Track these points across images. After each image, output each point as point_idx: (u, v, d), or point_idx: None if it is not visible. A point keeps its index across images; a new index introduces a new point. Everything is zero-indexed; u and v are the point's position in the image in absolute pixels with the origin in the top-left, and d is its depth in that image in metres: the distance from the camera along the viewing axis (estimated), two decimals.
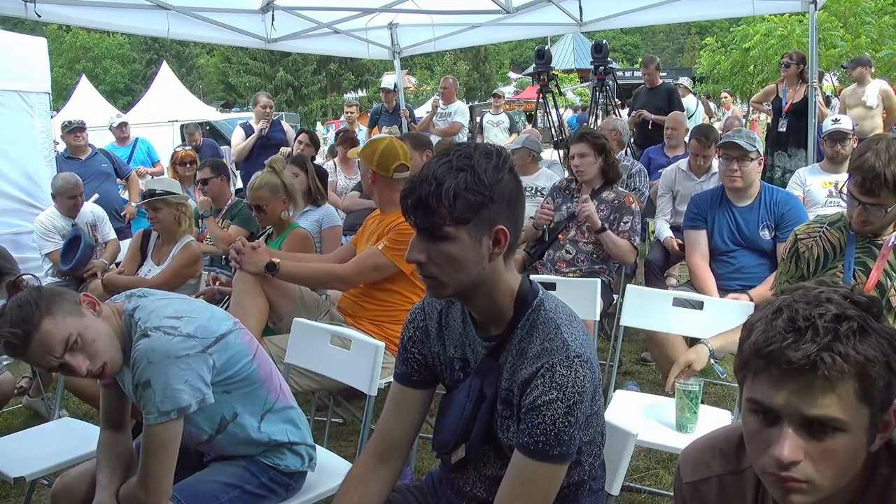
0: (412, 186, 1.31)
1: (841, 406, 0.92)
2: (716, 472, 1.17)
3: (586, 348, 1.35)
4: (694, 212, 3.39)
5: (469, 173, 1.29)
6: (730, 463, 1.16)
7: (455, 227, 1.30)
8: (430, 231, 1.32)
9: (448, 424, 1.48)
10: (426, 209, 1.29)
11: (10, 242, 4.48)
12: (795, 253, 2.22)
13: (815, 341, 0.92)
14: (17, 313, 1.64)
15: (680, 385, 2.28)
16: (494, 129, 9.48)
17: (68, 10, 5.48)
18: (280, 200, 3.37)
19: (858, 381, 0.92)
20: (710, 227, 3.32)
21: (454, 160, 1.30)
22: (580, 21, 6.69)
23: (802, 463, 0.94)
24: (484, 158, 1.31)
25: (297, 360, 2.44)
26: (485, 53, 42.19)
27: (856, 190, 2.06)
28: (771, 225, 3.21)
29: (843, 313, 0.94)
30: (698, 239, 3.34)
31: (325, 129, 20.78)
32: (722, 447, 1.18)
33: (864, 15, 17.35)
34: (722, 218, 3.30)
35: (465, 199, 1.28)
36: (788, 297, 0.99)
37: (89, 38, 42.90)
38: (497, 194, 1.31)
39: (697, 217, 3.36)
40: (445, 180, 1.28)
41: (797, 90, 5.97)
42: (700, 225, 3.34)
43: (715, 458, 1.18)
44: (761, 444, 0.98)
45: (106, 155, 6.02)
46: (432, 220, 1.30)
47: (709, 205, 3.35)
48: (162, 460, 1.68)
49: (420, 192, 1.29)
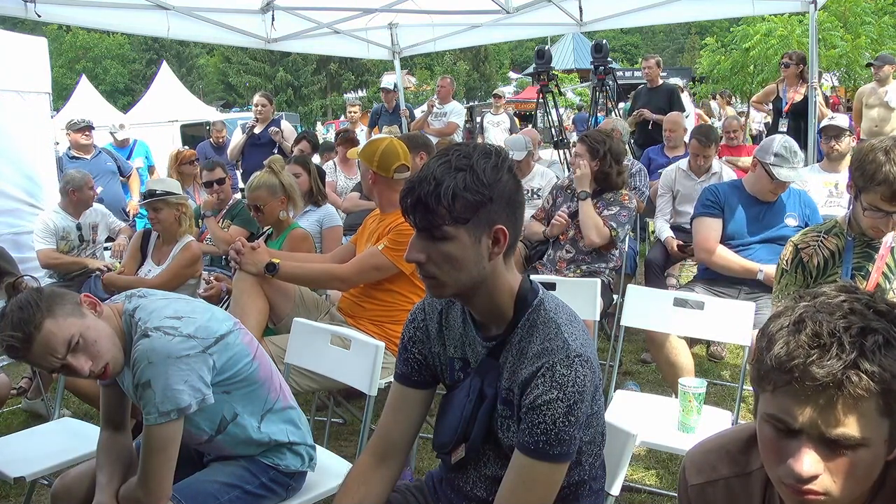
0: (411, 186, 1.32)
1: (863, 423, 0.90)
2: (723, 474, 1.16)
3: (587, 348, 1.35)
4: (710, 200, 3.27)
5: (468, 173, 1.29)
6: (737, 465, 1.15)
7: (454, 227, 1.30)
8: (429, 231, 1.32)
9: (448, 424, 1.48)
10: (425, 209, 1.30)
11: (10, 242, 4.47)
12: (800, 263, 2.21)
13: (841, 358, 0.88)
14: (18, 315, 1.64)
15: (684, 386, 2.29)
16: (495, 129, 9.49)
17: (68, 10, 5.48)
18: (278, 200, 3.37)
19: (882, 398, 0.89)
20: (726, 216, 3.22)
21: (453, 160, 1.31)
22: (580, 21, 6.70)
23: (821, 476, 0.92)
24: (483, 158, 1.31)
25: (297, 360, 2.44)
26: (485, 53, 42.25)
27: (885, 204, 2.02)
28: (797, 215, 3.16)
29: (867, 325, 0.90)
30: (714, 226, 3.21)
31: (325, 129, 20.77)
32: (729, 449, 1.17)
33: (864, 15, 17.32)
34: (741, 207, 3.21)
35: (463, 198, 1.29)
36: (810, 305, 0.94)
37: (89, 38, 42.90)
38: (496, 194, 1.31)
39: (714, 205, 3.24)
40: (444, 180, 1.28)
41: (797, 90, 5.97)
42: (716, 213, 3.23)
43: (722, 460, 1.16)
44: (779, 455, 0.96)
45: (109, 154, 6.03)
46: (431, 219, 1.30)
47: (727, 195, 3.25)
48: (162, 460, 1.68)
49: (419, 192, 1.29)
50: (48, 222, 4.23)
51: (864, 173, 2.04)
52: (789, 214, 3.18)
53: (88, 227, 4.39)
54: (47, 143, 5.52)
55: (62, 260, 4.14)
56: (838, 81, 15.67)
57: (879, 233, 2.12)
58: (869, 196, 2.04)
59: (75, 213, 4.33)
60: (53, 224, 4.23)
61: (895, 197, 2.00)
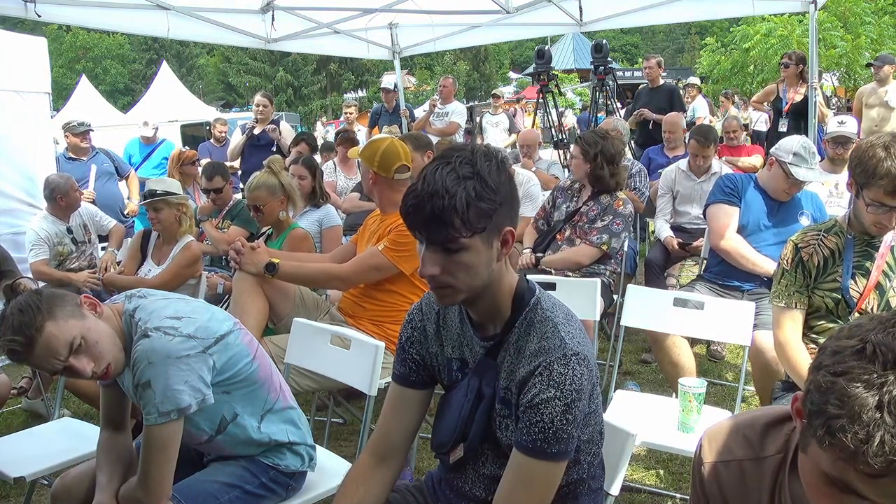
0: (418, 201, 1.27)
1: None
2: (737, 456, 1.17)
3: (584, 346, 1.35)
4: (729, 187, 3.23)
5: (476, 181, 1.28)
6: (752, 449, 1.16)
7: (471, 238, 1.29)
8: (443, 244, 1.30)
9: (446, 424, 1.48)
10: (440, 223, 1.27)
11: (10, 242, 4.45)
12: (800, 262, 2.21)
13: None
14: (18, 318, 1.63)
15: (684, 386, 2.29)
16: (494, 129, 9.49)
17: (68, 10, 5.48)
18: (278, 201, 3.37)
19: None
20: (742, 206, 3.19)
21: (458, 168, 1.28)
22: (580, 21, 6.70)
23: None
24: (486, 162, 1.30)
25: (297, 360, 2.44)
26: (485, 53, 42.23)
27: (888, 198, 2.03)
28: (810, 215, 3.16)
29: None
30: (732, 213, 3.16)
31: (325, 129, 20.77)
32: (746, 433, 1.18)
33: (863, 15, 17.34)
34: (758, 200, 3.19)
35: (477, 208, 1.27)
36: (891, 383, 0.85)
37: (89, 38, 42.89)
38: (503, 197, 1.31)
39: (732, 193, 3.21)
40: (456, 191, 1.26)
41: (797, 90, 5.96)
42: (735, 201, 3.19)
43: (737, 443, 1.17)
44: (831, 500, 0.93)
45: (106, 154, 6.02)
46: (447, 233, 1.27)
47: (744, 185, 3.23)
48: (162, 461, 1.68)
49: (432, 207, 1.26)
50: (38, 232, 4.14)
51: (864, 169, 2.05)
52: (803, 213, 3.17)
53: (80, 229, 4.35)
54: (47, 143, 5.51)
55: (53, 275, 4.09)
56: (838, 81, 15.67)
57: (883, 229, 2.12)
58: (871, 192, 2.05)
59: (64, 216, 4.27)
60: (45, 233, 4.14)
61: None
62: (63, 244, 4.25)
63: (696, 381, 2.33)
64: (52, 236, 4.20)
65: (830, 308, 2.19)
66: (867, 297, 2.15)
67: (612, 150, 3.56)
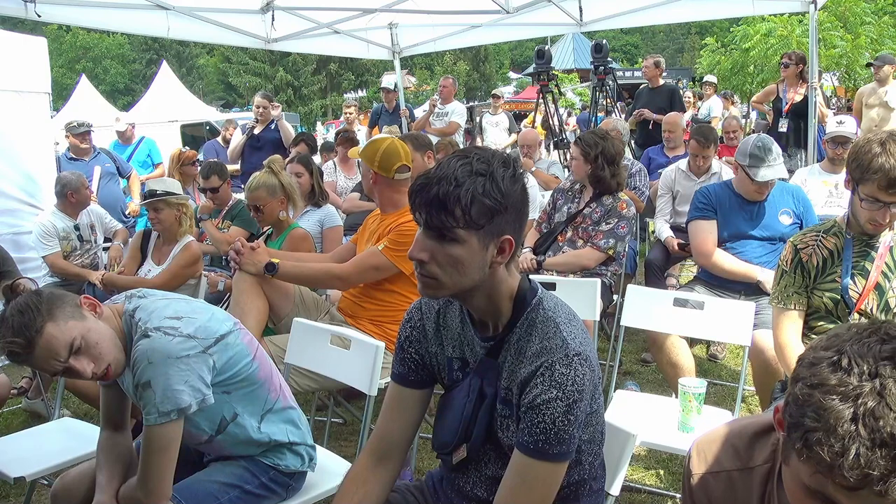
0: (427, 182, 1.29)
1: None
2: (725, 466, 1.16)
3: (585, 346, 1.34)
4: (703, 202, 3.28)
5: (488, 179, 1.28)
6: (740, 459, 1.16)
7: (467, 231, 1.29)
8: (439, 231, 1.30)
9: (449, 424, 1.48)
10: (441, 208, 1.28)
11: (10, 242, 4.46)
12: (799, 263, 2.21)
13: None
14: (18, 320, 1.63)
15: (684, 386, 2.29)
16: (494, 129, 9.49)
17: (68, 10, 5.48)
18: (277, 201, 3.37)
19: None
20: (719, 217, 3.23)
21: (474, 164, 1.29)
22: (580, 21, 6.70)
23: None
24: (502, 166, 1.31)
25: (296, 360, 2.44)
26: (485, 53, 42.24)
27: (882, 193, 2.04)
28: (791, 212, 3.16)
29: None
30: (710, 228, 3.22)
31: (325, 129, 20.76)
32: (734, 442, 1.18)
33: (863, 15, 17.34)
34: (734, 207, 3.21)
35: (481, 203, 1.28)
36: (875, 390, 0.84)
37: (89, 38, 42.90)
38: (511, 203, 1.31)
39: (707, 207, 3.26)
40: (465, 182, 1.27)
41: (797, 90, 5.96)
42: (710, 215, 3.24)
43: (726, 453, 1.17)
44: None
45: (108, 154, 6.03)
46: (445, 220, 1.28)
47: (718, 195, 3.26)
48: (162, 461, 1.68)
49: (438, 190, 1.27)
50: (47, 225, 4.21)
51: (860, 165, 2.07)
52: (783, 212, 3.18)
53: (87, 228, 4.40)
54: (47, 143, 5.51)
55: (69, 270, 4.14)
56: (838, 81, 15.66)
57: (878, 226, 2.12)
58: (866, 187, 2.07)
59: (73, 213, 4.33)
60: (53, 226, 4.21)
61: (892, 185, 2.02)
62: (69, 240, 4.27)
63: (696, 381, 2.33)
64: (60, 231, 4.25)
65: (830, 308, 2.19)
66: (866, 297, 2.15)
67: (613, 150, 3.56)
